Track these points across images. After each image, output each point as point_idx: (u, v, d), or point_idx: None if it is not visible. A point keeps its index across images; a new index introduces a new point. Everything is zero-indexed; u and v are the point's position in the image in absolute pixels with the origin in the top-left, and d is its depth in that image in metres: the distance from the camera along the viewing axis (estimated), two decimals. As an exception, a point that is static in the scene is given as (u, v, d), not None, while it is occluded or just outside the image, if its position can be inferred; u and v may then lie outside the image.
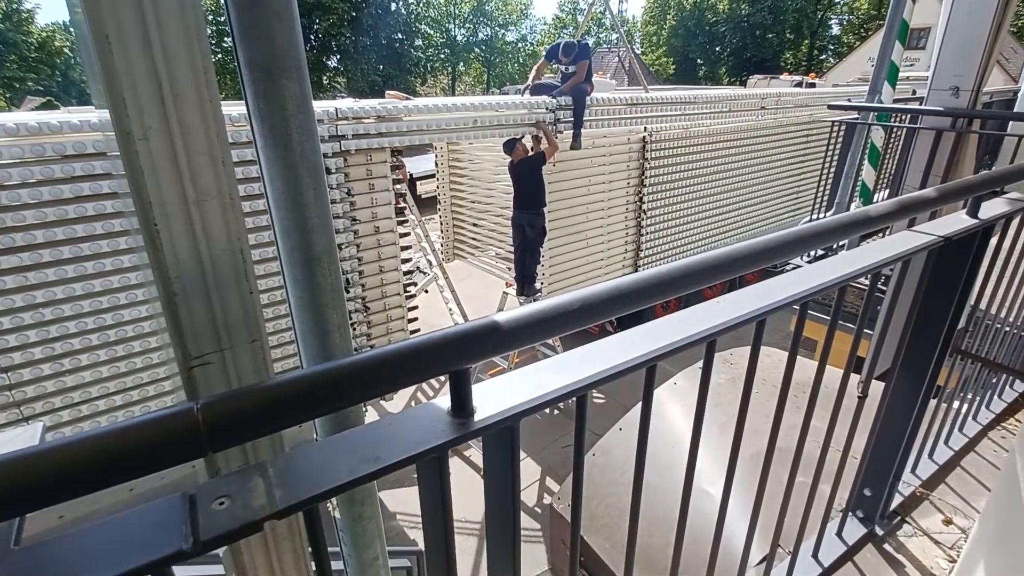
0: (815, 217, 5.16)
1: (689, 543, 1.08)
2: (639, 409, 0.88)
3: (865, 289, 1.24)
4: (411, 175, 12.16)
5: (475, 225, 7.15)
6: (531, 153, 5.29)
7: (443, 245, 7.49)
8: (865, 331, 1.29)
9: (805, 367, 1.63)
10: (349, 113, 4.01)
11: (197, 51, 0.81)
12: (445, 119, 4.54)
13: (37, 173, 2.97)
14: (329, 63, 28.20)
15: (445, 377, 0.64)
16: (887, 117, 4.61)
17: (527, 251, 5.47)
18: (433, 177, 7.67)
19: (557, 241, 5.75)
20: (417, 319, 4.89)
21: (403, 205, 4.59)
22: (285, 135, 0.92)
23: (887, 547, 1.68)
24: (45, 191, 3.00)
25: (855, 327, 1.28)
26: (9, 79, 25.11)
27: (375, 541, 1.25)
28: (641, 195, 6.35)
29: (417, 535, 4.92)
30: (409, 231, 4.93)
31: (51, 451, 0.45)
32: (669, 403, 2.82)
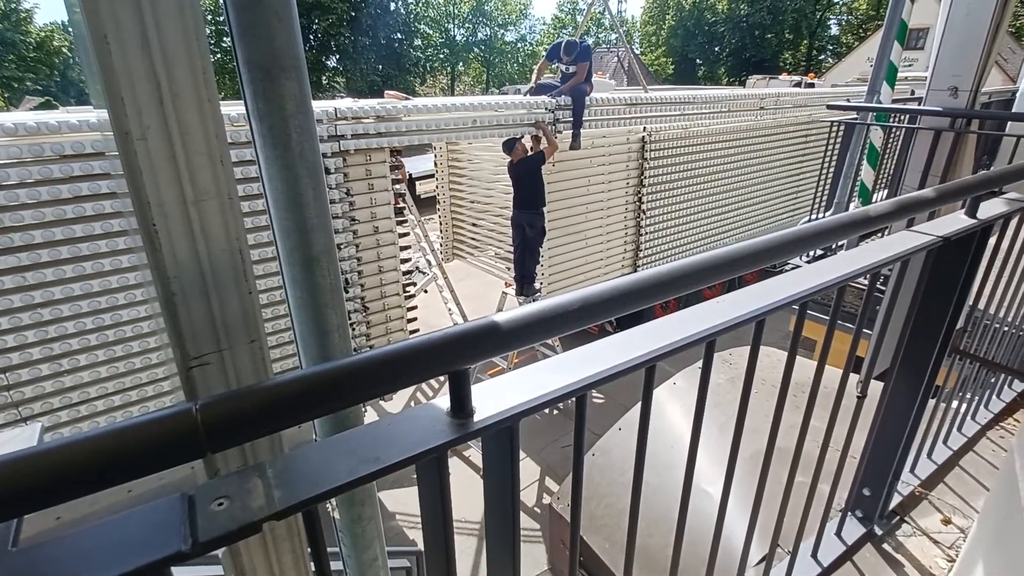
0: (814, 217, 5.16)
1: (688, 543, 1.08)
2: (638, 409, 0.88)
3: (864, 289, 1.24)
4: (410, 175, 12.15)
5: (474, 225, 7.15)
6: (530, 153, 5.29)
7: (442, 245, 7.48)
8: (864, 331, 1.29)
9: (804, 367, 1.63)
10: (348, 113, 4.01)
11: (196, 51, 0.81)
12: (444, 119, 4.54)
13: (35, 173, 2.97)
14: (328, 63, 28.20)
15: (444, 377, 0.64)
16: (886, 117, 4.62)
17: (527, 251, 5.47)
18: (432, 177, 7.68)
19: (556, 241, 5.75)
20: (416, 319, 4.89)
21: (402, 205, 4.59)
22: (284, 135, 0.92)
23: (886, 547, 1.68)
24: (43, 191, 2.99)
25: (854, 327, 1.28)
26: (7, 79, 25.06)
27: (374, 542, 1.25)
28: (640, 195, 6.35)
29: (416, 535, 4.91)
30: (408, 231, 4.93)
31: (49, 452, 0.45)
32: (668, 403, 2.82)
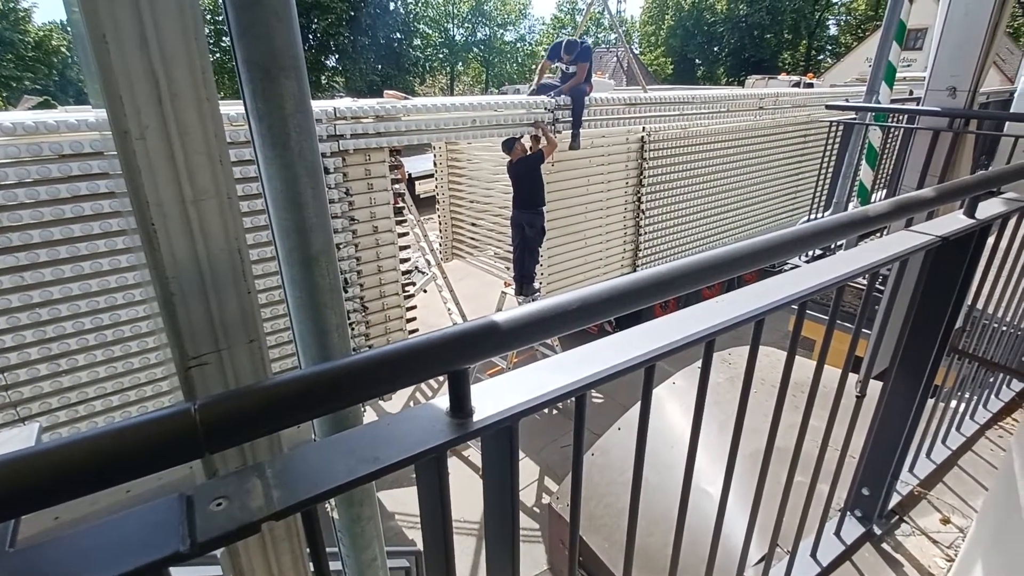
0: (813, 217, 5.17)
1: (688, 542, 1.08)
2: (638, 409, 0.88)
3: (863, 289, 1.24)
4: (409, 175, 12.15)
5: (474, 225, 7.15)
6: (530, 152, 5.29)
7: (441, 245, 7.48)
8: (863, 331, 1.29)
9: (803, 366, 1.63)
10: (347, 113, 4.01)
11: (195, 50, 0.81)
12: (444, 119, 4.54)
13: (34, 172, 2.96)
14: (327, 63, 28.17)
15: (444, 377, 0.64)
16: (884, 117, 4.62)
17: (526, 251, 5.47)
18: (432, 177, 7.68)
19: (556, 241, 5.75)
20: (415, 319, 4.89)
21: (401, 205, 4.59)
22: (283, 134, 0.92)
23: (885, 546, 1.68)
24: (42, 190, 2.99)
25: (853, 327, 1.28)
26: (6, 78, 25.01)
27: (373, 542, 1.25)
28: (639, 195, 6.35)
29: (416, 535, 4.91)
30: (407, 231, 4.93)
31: (47, 452, 0.45)
32: (668, 403, 2.82)
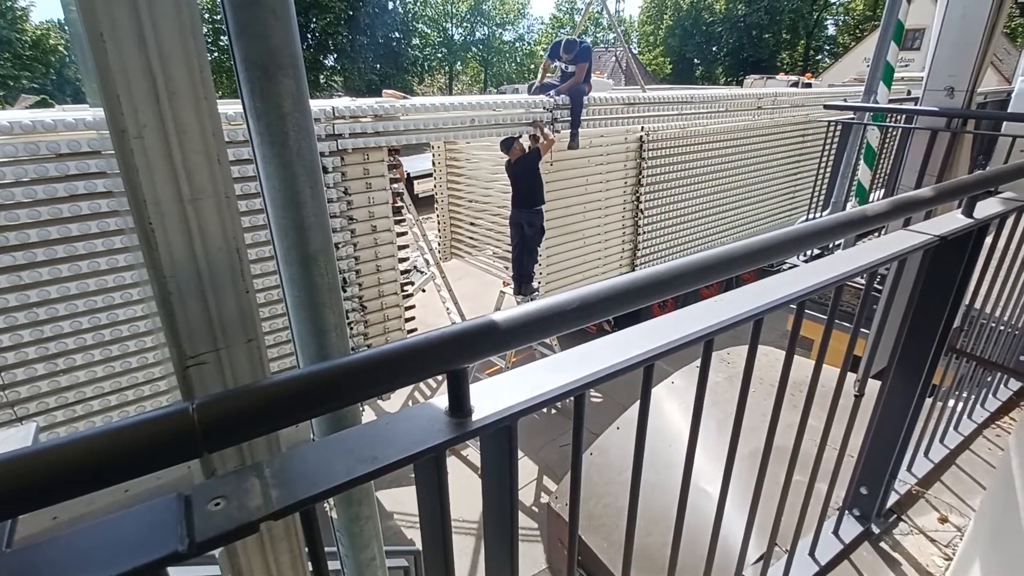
0: (811, 217, 5.17)
1: (687, 541, 1.08)
2: (637, 408, 0.88)
3: (861, 288, 1.24)
4: (408, 174, 12.13)
5: (472, 224, 7.14)
6: (528, 151, 5.29)
7: (440, 244, 7.48)
8: (862, 330, 1.29)
9: (802, 366, 1.63)
10: (346, 112, 4.00)
11: (193, 49, 0.81)
12: (442, 118, 4.54)
13: (31, 172, 2.96)
14: (326, 62, 28.13)
15: (443, 376, 0.64)
16: (883, 117, 4.63)
17: (525, 250, 5.47)
18: (430, 176, 7.66)
19: (554, 240, 5.75)
20: (414, 318, 4.89)
21: (400, 204, 4.58)
22: (281, 133, 0.91)
23: (883, 545, 1.68)
24: (39, 190, 2.98)
25: (852, 326, 1.28)
26: (3, 77, 24.93)
27: (372, 541, 1.25)
28: (638, 194, 6.35)
29: (414, 534, 4.91)
30: (406, 230, 4.92)
31: (44, 452, 0.45)
32: (667, 402, 2.82)
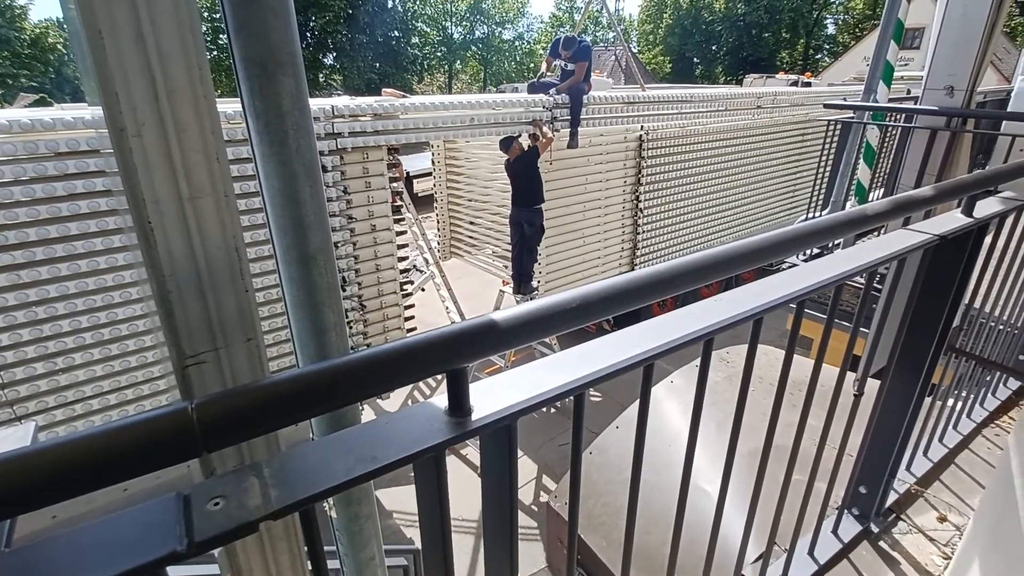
0: (811, 216, 5.17)
1: (686, 541, 1.08)
2: (636, 407, 0.88)
3: (861, 287, 1.24)
4: (408, 173, 12.11)
5: (472, 223, 7.14)
6: (526, 150, 5.29)
7: (440, 243, 7.47)
8: (861, 329, 1.29)
9: (801, 365, 1.63)
10: (345, 111, 4.00)
11: (192, 47, 0.81)
12: (442, 117, 4.53)
13: (30, 170, 2.95)
14: (325, 60, 28.08)
15: (442, 376, 0.64)
16: (882, 116, 4.63)
17: (525, 249, 5.46)
18: (430, 175, 7.66)
19: (554, 239, 5.75)
20: (414, 317, 4.89)
21: (400, 203, 4.58)
22: (281, 132, 0.91)
23: (882, 544, 1.69)
24: (38, 188, 2.98)
25: (851, 325, 1.28)
26: (2, 76, 24.88)
27: (372, 540, 1.24)
28: (638, 194, 6.35)
29: (414, 533, 4.91)
30: (406, 229, 4.92)
31: (43, 451, 0.45)
32: (666, 401, 2.83)
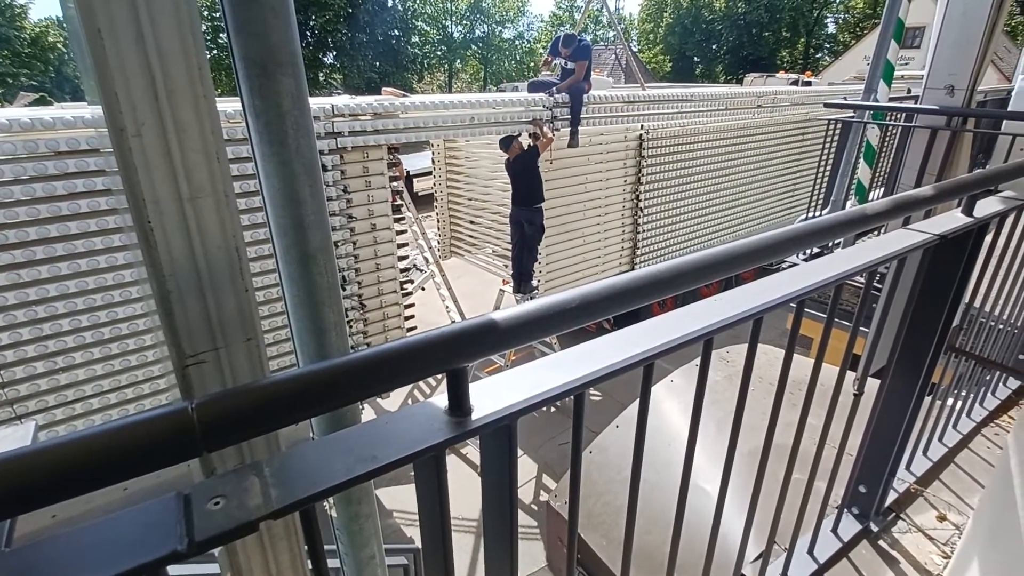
0: (811, 215, 5.17)
1: (686, 540, 1.08)
2: (636, 406, 0.88)
3: (861, 287, 1.24)
4: (408, 172, 12.10)
5: (472, 222, 7.14)
6: (526, 149, 5.29)
7: (440, 242, 7.47)
8: (861, 329, 1.29)
9: (801, 364, 1.63)
10: (345, 110, 4.00)
11: (191, 46, 0.81)
12: (442, 116, 4.53)
13: (30, 169, 2.95)
14: (325, 60, 28.06)
15: (442, 375, 0.64)
16: (883, 116, 4.62)
17: (525, 248, 5.46)
18: (430, 174, 7.66)
19: (554, 239, 5.75)
20: (414, 316, 4.89)
21: (400, 202, 4.58)
22: (281, 132, 0.91)
23: (882, 543, 1.69)
24: (38, 187, 2.97)
25: (851, 325, 1.28)
26: (2, 75, 24.87)
27: (372, 540, 1.25)
28: (638, 193, 6.35)
29: (414, 532, 4.92)
30: (406, 228, 4.92)
31: (43, 451, 0.45)
32: (666, 400, 2.83)
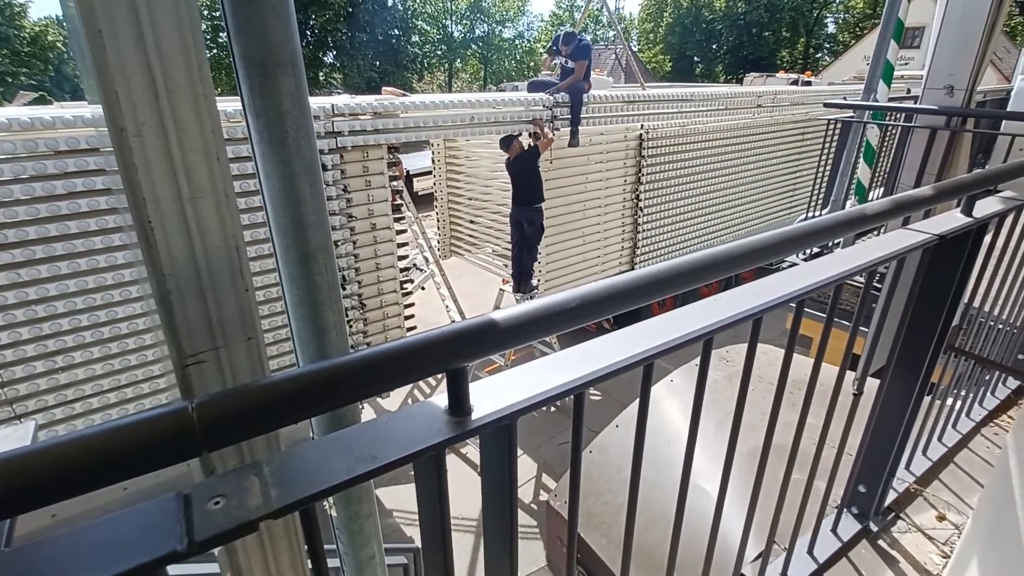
0: (811, 215, 5.17)
1: (685, 539, 1.08)
2: (636, 406, 0.88)
3: (861, 287, 1.24)
4: (408, 172, 12.10)
5: (472, 222, 7.14)
6: (526, 149, 5.29)
7: (440, 242, 7.47)
8: (861, 328, 1.29)
9: (801, 364, 1.64)
10: (345, 110, 3.99)
11: (191, 46, 0.81)
12: (442, 116, 4.53)
13: (30, 169, 2.95)
14: (325, 59, 28.04)
15: (442, 375, 0.64)
16: (882, 115, 4.62)
17: (525, 248, 5.46)
18: (430, 174, 7.66)
19: (554, 238, 5.75)
20: (414, 316, 4.89)
21: (400, 202, 4.58)
22: (281, 131, 0.91)
23: (881, 543, 1.69)
24: (38, 187, 2.97)
25: (851, 324, 1.28)
26: (1, 74, 24.86)
27: (372, 539, 1.25)
28: (638, 193, 6.35)
29: (414, 532, 4.92)
30: (406, 228, 4.92)
31: (43, 451, 0.45)
32: (666, 400, 2.83)
